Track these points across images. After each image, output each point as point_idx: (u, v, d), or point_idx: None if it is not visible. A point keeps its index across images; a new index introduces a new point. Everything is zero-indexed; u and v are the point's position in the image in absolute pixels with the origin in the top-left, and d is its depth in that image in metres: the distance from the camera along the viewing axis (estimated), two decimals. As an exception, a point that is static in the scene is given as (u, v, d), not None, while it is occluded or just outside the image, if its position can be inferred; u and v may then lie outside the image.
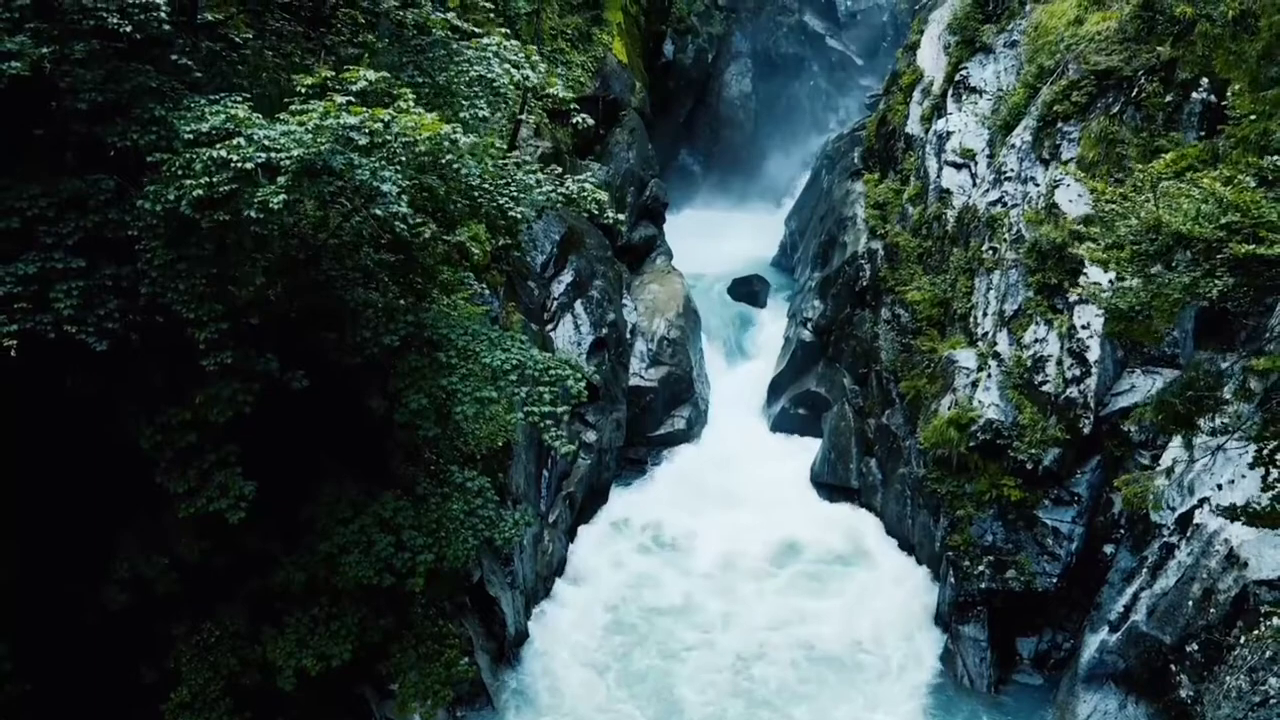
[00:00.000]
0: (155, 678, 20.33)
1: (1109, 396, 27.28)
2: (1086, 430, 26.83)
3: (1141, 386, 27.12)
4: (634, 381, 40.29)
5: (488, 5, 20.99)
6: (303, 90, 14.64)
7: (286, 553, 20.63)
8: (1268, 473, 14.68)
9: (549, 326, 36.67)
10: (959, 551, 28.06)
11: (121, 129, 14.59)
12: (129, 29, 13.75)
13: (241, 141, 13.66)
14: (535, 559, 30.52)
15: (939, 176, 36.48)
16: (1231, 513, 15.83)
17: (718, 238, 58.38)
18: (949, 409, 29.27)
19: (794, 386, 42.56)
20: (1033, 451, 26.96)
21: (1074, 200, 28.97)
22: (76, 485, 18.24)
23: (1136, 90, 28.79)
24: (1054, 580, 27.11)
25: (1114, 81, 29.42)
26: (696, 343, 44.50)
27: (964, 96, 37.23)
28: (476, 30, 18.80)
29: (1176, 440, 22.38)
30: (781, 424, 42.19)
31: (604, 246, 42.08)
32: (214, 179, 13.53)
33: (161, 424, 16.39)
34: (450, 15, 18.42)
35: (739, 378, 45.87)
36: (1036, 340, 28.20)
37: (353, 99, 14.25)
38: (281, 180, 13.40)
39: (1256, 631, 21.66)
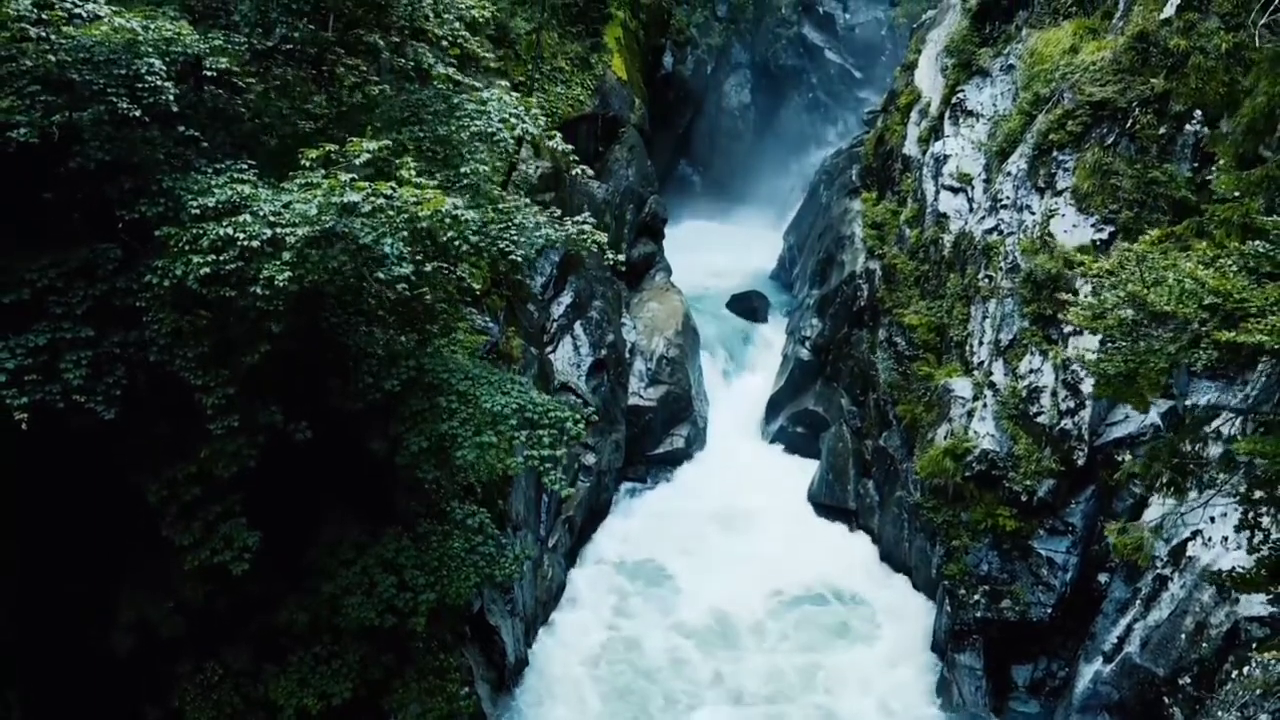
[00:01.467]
0: (159, 716, 20.65)
1: (1103, 427, 27.51)
2: (1080, 462, 27.08)
3: (1135, 417, 27.28)
4: (633, 401, 40.49)
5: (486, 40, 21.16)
6: (307, 164, 14.91)
7: (290, 593, 20.94)
8: (1253, 535, 14.95)
9: (548, 348, 36.87)
10: (955, 580, 28.34)
11: (130, 201, 14.86)
12: (138, 112, 14.00)
13: (248, 218, 13.94)
14: (535, 585, 30.77)
15: (936, 200, 36.72)
16: (1218, 578, 16.10)
17: (717, 250, 58.73)
18: (945, 439, 29.55)
19: (792, 405, 42.81)
20: (1027, 483, 27.22)
21: (1069, 231, 29.21)
22: (82, 532, 18.53)
23: (1131, 121, 29.01)
24: (1049, 610, 27.38)
25: (1108, 112, 29.61)
26: (695, 360, 44.74)
27: (961, 119, 37.45)
28: (477, 85, 19.02)
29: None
30: (780, 442, 42.44)
31: (603, 266, 42.22)
32: (220, 257, 13.81)
33: (168, 479, 16.68)
34: (450, 70, 18.63)
35: (738, 394, 46.10)
36: (1031, 371, 28.46)
37: (355, 175, 14.52)
38: (286, 256, 13.67)
39: (1247, 668, 21.98)
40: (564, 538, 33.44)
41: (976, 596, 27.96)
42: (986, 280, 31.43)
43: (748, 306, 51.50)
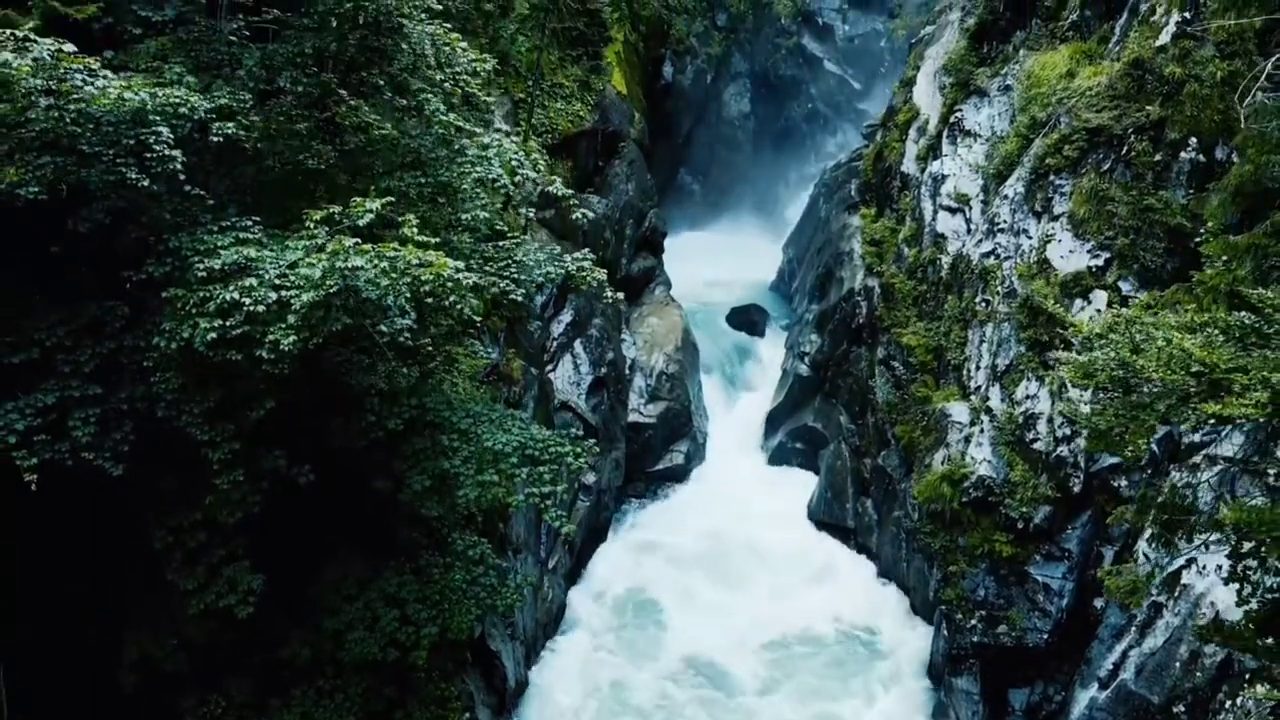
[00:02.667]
0: (164, 750, 20.88)
1: (1099, 454, 27.69)
2: (1077, 489, 27.27)
3: (1131, 443, 27.52)
4: (633, 418, 40.71)
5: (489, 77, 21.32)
6: (311, 225, 15.13)
7: (293, 628, 21.18)
8: (1241, 588, 15.17)
9: (549, 367, 37.09)
10: (952, 605, 28.57)
11: (137, 260, 15.10)
12: (147, 182, 14.22)
13: (253, 282, 14.17)
14: (535, 607, 31.01)
15: (934, 220, 36.91)
16: (1206, 633, 16.30)
17: (716, 260, 58.93)
18: (942, 464, 29.77)
19: (791, 420, 43.05)
20: (1024, 510, 27.42)
21: (1065, 257, 29.40)
22: (86, 573, 18.75)
23: (1126, 148, 29.19)
24: (1045, 636, 27.59)
25: (1104, 138, 29.77)
26: (695, 375, 44.97)
27: (959, 139, 37.63)
28: (477, 131, 19.23)
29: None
30: (779, 458, 42.69)
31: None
32: (227, 322, 14.05)
33: (173, 526, 16.90)
34: (452, 116, 18.84)
35: (737, 409, 46.39)
36: (1028, 397, 28.66)
37: (359, 238, 14.75)
38: (291, 319, 13.90)
39: (1240, 698, 22.21)
40: (564, 559, 33.68)
41: (973, 621, 28.18)
42: (984, 304, 31.63)
43: (747, 320, 51.75)
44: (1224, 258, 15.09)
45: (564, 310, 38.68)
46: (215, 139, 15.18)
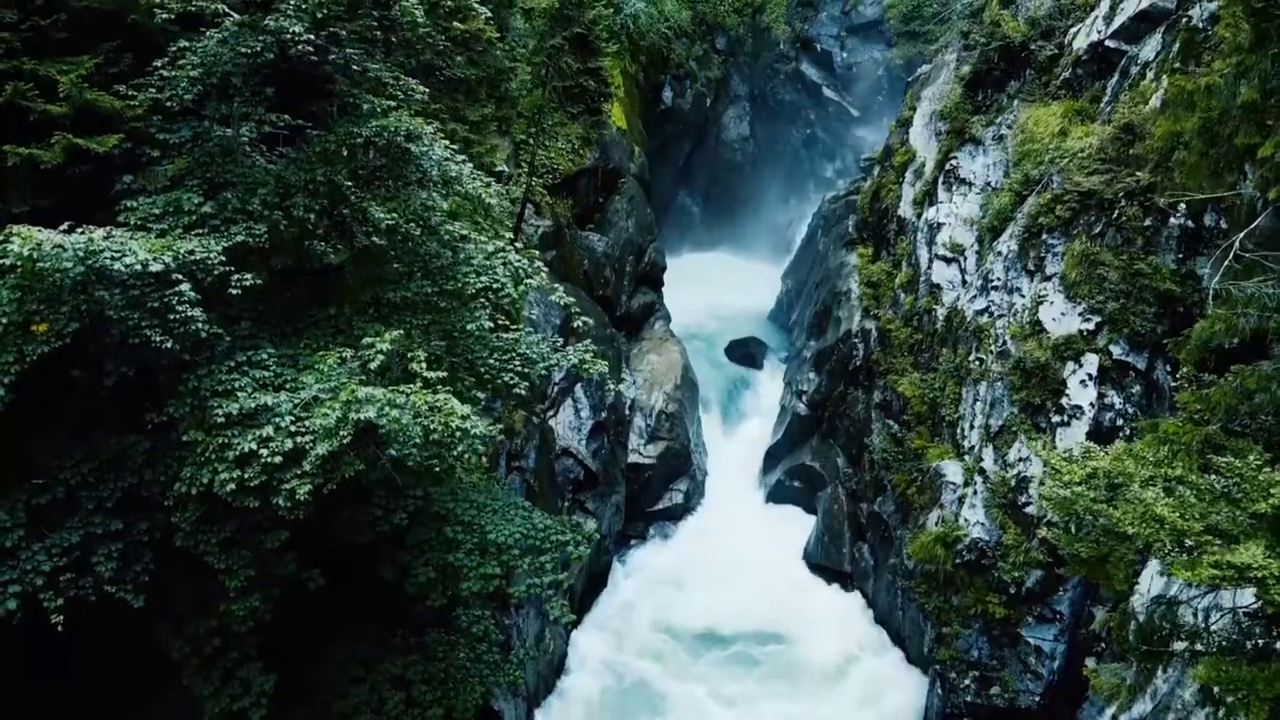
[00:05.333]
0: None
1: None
2: (1067, 553, 27.82)
3: (1122, 503, 28.08)
4: (632, 459, 41.21)
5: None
6: (323, 369, 15.69)
7: (302, 708, 21.73)
8: (1217, 709, 15.71)
9: (549, 414, 37.61)
10: (946, 665, 29.18)
11: (155, 394, 15.67)
12: (170, 343, 14.79)
13: (270, 431, 14.74)
14: (537, 659, 31.59)
15: (929, 268, 37.46)
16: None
17: (716, 284, 59.58)
18: (936, 524, 30.36)
19: (789, 459, 43.62)
20: (1016, 574, 28.01)
21: (1057, 319, 29.92)
22: (101, 674, 19.30)
23: (1117, 213, 29.68)
24: (1037, 698, 28.19)
25: (1095, 201, 30.29)
26: (694, 412, 45.51)
27: (954, 187, 38.18)
28: (482, 239, 19.77)
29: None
30: (777, 495, 43.27)
31: (603, 324, 43.02)
32: (245, 473, 14.62)
33: (189, 635, 17.47)
34: (458, 226, 19.38)
35: (736, 444, 46.96)
36: (1020, 459, 29.22)
37: (372, 379, 15.35)
38: (307, 466, 14.48)
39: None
40: (565, 599, 34.18)
41: (967, 681, 28.79)
42: (977, 362, 32.17)
43: (746, 353, 52.35)
44: (1198, 406, 15.63)
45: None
46: (234, 291, 15.71)
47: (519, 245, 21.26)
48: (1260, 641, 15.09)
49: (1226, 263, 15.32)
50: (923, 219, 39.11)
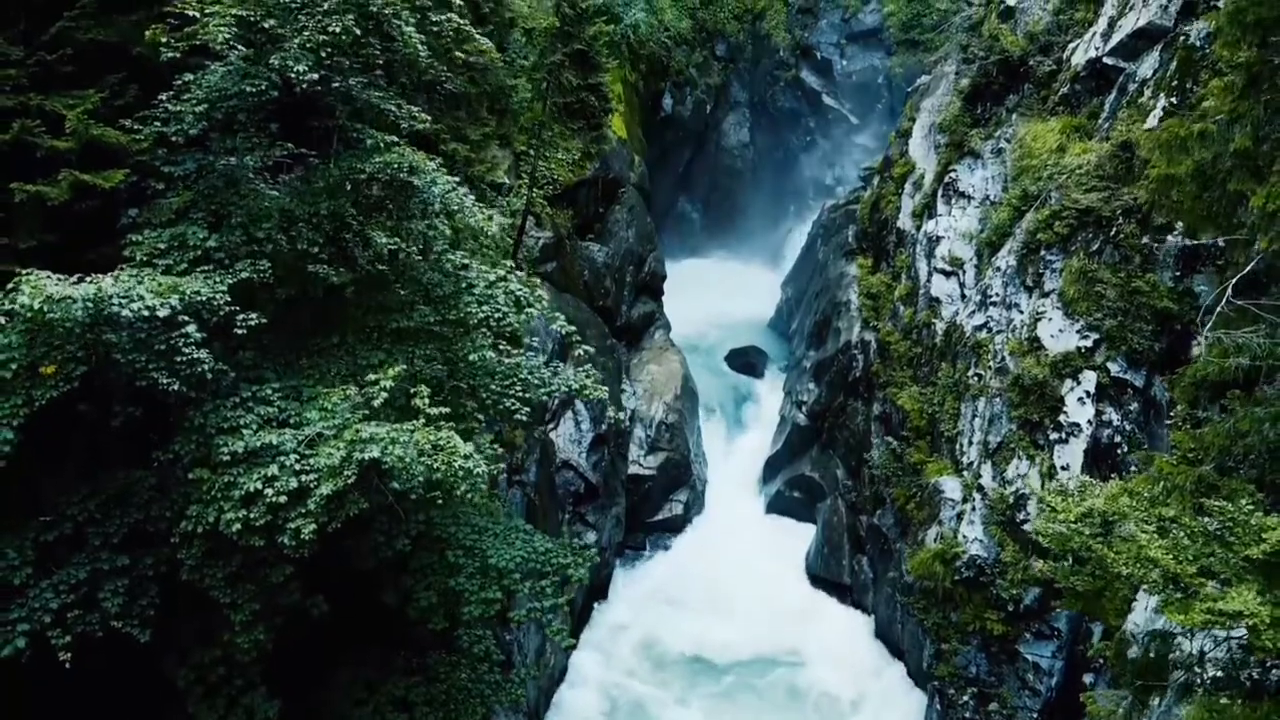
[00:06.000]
0: None
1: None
2: (1065, 571, 27.99)
3: (1119, 521, 28.27)
4: (633, 470, 41.37)
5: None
6: (329, 406, 15.86)
7: (306, 732, 21.92)
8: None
9: (550, 426, 37.75)
10: (945, 681, 29.36)
11: (161, 440, 15.85)
12: (177, 385, 14.97)
13: (275, 470, 14.91)
14: (539, 672, 31.77)
15: (929, 282, 37.62)
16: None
17: (716, 291, 59.65)
18: (935, 541, 30.53)
19: (789, 469, 43.77)
20: (1014, 592, 28.19)
21: (1055, 336, 30.08)
22: (106, 698, 19.46)
23: (1115, 230, 29.84)
24: (1035, 715, 28.36)
25: (1093, 219, 30.45)
26: (694, 422, 45.65)
27: (953, 200, 38.33)
28: (484, 268, 19.95)
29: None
30: (777, 505, 43.42)
31: (604, 335, 43.17)
32: (250, 513, 14.80)
33: (194, 664, 17.65)
34: (460, 255, 19.56)
35: (736, 453, 47.12)
36: (1019, 476, 29.38)
37: (376, 414, 15.55)
38: (312, 505, 14.66)
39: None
40: (565, 609, 34.32)
41: (965, 698, 28.98)
42: (976, 378, 32.34)
43: (746, 362, 52.54)
44: (1192, 446, 15.82)
45: (565, 367, 39.26)
46: (240, 331, 15.88)
47: (520, 257, 21.34)
48: (1255, 673, 15.27)
49: (1219, 309, 15.49)
50: (922, 231, 39.26)
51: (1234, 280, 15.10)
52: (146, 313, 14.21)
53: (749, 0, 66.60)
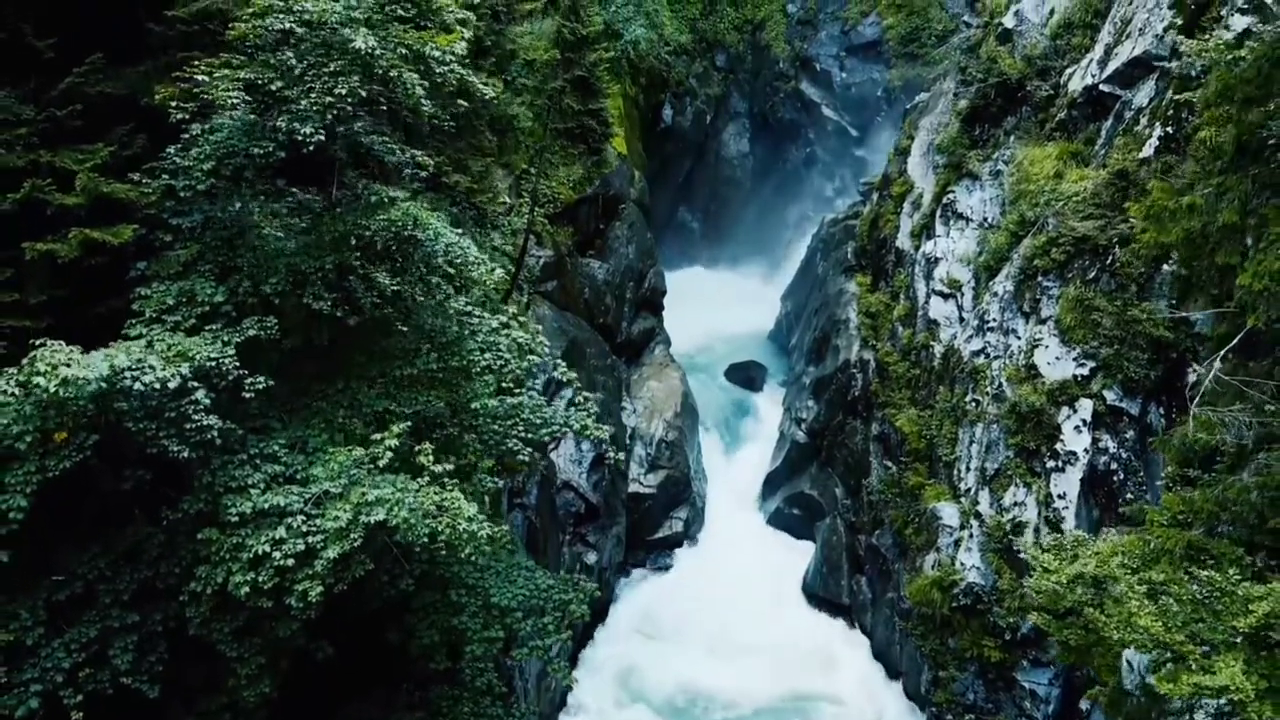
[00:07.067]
0: None
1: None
2: (1061, 599, 28.28)
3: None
4: (633, 488, 41.65)
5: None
6: (334, 466, 16.14)
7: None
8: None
9: (550, 447, 38.01)
10: (942, 708, 29.68)
11: (172, 499, 16.14)
12: (187, 453, 15.25)
13: (283, 533, 15.20)
14: (539, 698, 32.07)
15: (927, 303, 37.88)
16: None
17: (715, 302, 59.91)
18: (933, 568, 30.82)
19: (788, 486, 44.04)
20: (1011, 620, 28.46)
21: (1052, 363, 30.34)
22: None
23: (1111, 259, 30.08)
24: (1031, 742, 28.69)
25: (1090, 246, 30.67)
26: (694, 438, 45.91)
27: (951, 221, 38.59)
28: (486, 316, 20.24)
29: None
30: (776, 521, 43.72)
31: (604, 353, 43.47)
32: (259, 576, 15.08)
33: (200, 711, 17.93)
34: (462, 301, 19.85)
35: (736, 468, 47.34)
36: (1016, 503, 29.65)
37: (381, 473, 15.86)
38: (319, 567, 14.95)
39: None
40: (567, 643, 34.62)
41: (963, 725, 29.32)
42: (974, 404, 32.61)
43: (745, 376, 52.81)
44: (1182, 510, 16.07)
45: (565, 387, 39.56)
46: (248, 395, 16.17)
47: (521, 277, 21.52)
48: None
49: (1207, 383, 15.76)
50: (920, 252, 39.53)
51: (1222, 353, 15.35)
52: (159, 385, 14.49)
53: (749, 11, 66.94)
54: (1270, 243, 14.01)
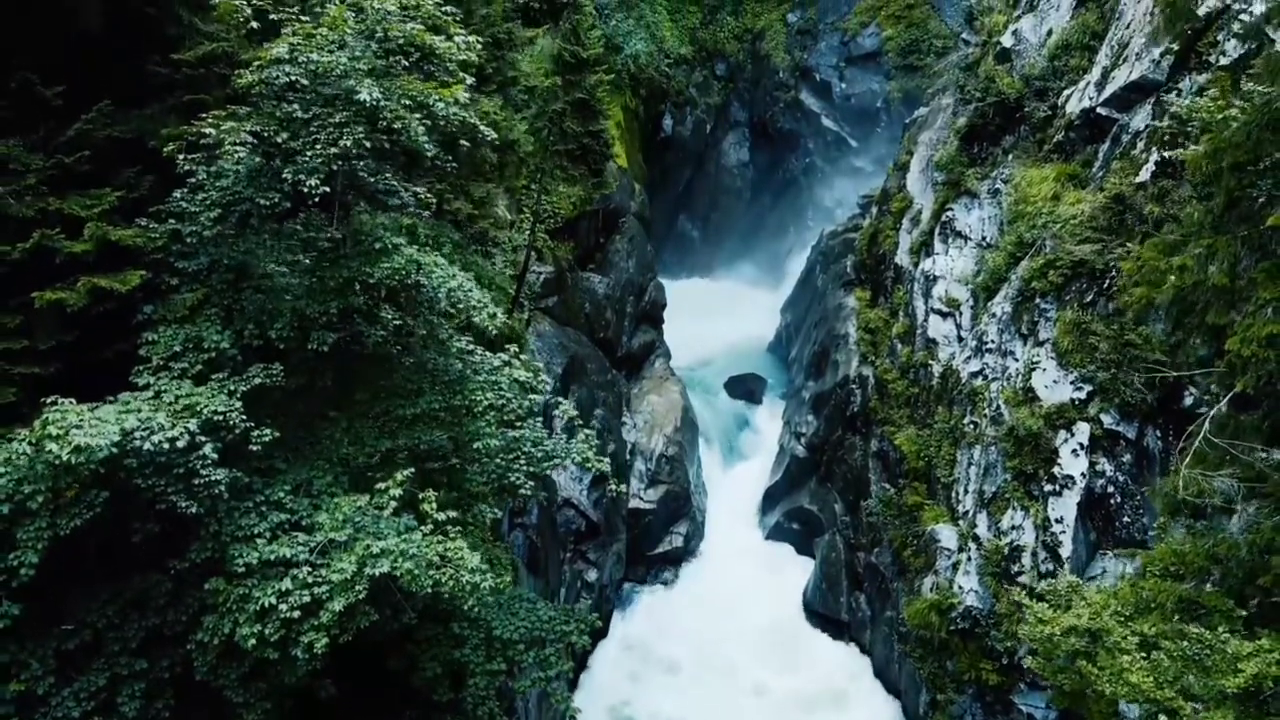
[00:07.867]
0: None
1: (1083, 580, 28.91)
2: (1058, 623, 28.51)
3: (1113, 570, 28.73)
4: (633, 504, 41.90)
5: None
6: (340, 515, 16.38)
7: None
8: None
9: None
10: (941, 731, 29.92)
11: (179, 548, 16.39)
12: (195, 508, 15.52)
13: (289, 584, 15.44)
14: (540, 717, 32.29)
15: (926, 321, 38.10)
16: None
17: (715, 312, 60.12)
18: (931, 591, 31.03)
19: (788, 500, 44.28)
20: (1009, 643, 28.67)
21: (1049, 387, 30.54)
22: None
23: (1108, 283, 30.28)
24: (1029, 764, 28.92)
25: (1087, 270, 30.87)
26: (694, 453, 46.14)
27: (950, 239, 38.80)
28: (488, 355, 20.49)
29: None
30: (776, 534, 44.01)
31: (604, 368, 43.69)
32: (265, 628, 15.33)
33: (207, 754, 18.18)
34: (464, 341, 20.09)
35: (736, 482, 47.58)
36: (1014, 527, 29.86)
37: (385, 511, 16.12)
38: (325, 619, 15.19)
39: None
40: (568, 671, 34.83)
41: (961, 748, 29.54)
42: (972, 426, 32.83)
43: (745, 389, 53.02)
44: (1173, 562, 16.30)
45: (566, 402, 39.72)
46: (254, 447, 16.42)
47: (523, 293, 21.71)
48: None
49: (1195, 445, 15.99)
50: (919, 269, 39.74)
51: (1211, 413, 15.59)
52: (167, 444, 14.73)
53: (749, 20, 67.18)
54: (1259, 307, 14.25)
